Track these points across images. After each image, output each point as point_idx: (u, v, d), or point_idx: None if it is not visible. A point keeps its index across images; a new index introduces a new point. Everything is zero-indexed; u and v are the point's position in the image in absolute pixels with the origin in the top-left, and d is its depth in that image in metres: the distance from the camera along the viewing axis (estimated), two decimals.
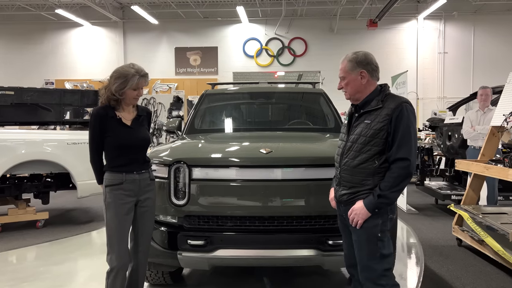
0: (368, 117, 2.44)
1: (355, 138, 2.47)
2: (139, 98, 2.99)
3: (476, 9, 15.70)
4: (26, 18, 16.64)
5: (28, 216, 6.10)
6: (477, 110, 6.33)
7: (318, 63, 16.40)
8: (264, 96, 5.22)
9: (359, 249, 2.47)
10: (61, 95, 7.79)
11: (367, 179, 2.40)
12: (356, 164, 2.43)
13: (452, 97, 14.73)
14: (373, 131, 2.38)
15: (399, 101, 2.40)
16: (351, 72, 2.48)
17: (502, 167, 4.26)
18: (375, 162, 2.39)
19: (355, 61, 2.47)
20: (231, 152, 3.47)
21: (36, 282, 4.10)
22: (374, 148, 2.38)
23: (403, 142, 2.33)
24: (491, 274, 4.20)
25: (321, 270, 3.81)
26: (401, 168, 2.33)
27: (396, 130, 2.34)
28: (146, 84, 2.95)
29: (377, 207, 2.36)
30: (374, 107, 2.44)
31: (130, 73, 2.83)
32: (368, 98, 2.49)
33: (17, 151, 5.69)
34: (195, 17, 16.57)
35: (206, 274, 4.20)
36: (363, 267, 2.47)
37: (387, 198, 2.35)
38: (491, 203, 5.88)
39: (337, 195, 2.59)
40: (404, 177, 2.35)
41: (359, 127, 2.47)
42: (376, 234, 2.41)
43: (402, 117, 2.35)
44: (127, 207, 2.88)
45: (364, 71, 2.47)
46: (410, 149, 2.34)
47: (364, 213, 2.38)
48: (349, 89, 2.52)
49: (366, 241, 2.43)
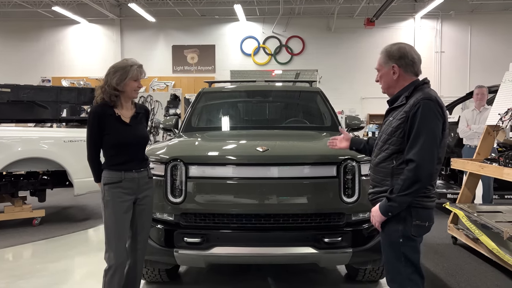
0: (393, 114, 2.36)
1: (379, 136, 2.43)
2: (137, 97, 3.00)
3: (472, 8, 15.75)
4: (22, 15, 16.57)
5: (24, 214, 6.09)
6: (473, 109, 6.37)
7: (316, 61, 16.41)
8: (261, 94, 5.23)
9: (384, 252, 2.42)
10: (58, 93, 7.76)
11: (386, 179, 2.32)
12: (377, 163, 2.38)
13: (449, 96, 14.73)
14: (392, 129, 2.30)
15: (419, 97, 2.22)
16: (383, 65, 2.39)
17: (497, 166, 4.28)
18: (393, 161, 2.29)
19: (387, 55, 2.37)
20: (228, 150, 3.49)
21: (32, 280, 4.10)
22: (391, 147, 2.30)
23: (413, 142, 2.19)
24: (485, 272, 4.23)
25: (317, 267, 3.83)
26: (409, 171, 2.18)
27: (411, 128, 2.21)
28: (144, 75, 2.96)
29: (389, 211, 2.25)
30: (400, 103, 2.33)
31: (127, 64, 2.87)
32: (398, 93, 2.38)
33: (14, 149, 5.68)
34: (192, 15, 16.53)
35: (202, 271, 4.22)
36: (387, 270, 2.41)
37: (395, 201, 2.21)
38: (486, 201, 5.91)
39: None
40: (411, 181, 2.16)
41: (384, 124, 2.41)
42: (397, 240, 2.28)
43: (418, 115, 2.18)
44: (126, 205, 2.88)
45: (395, 65, 2.34)
46: (420, 150, 2.16)
47: (379, 216, 2.29)
48: (382, 83, 2.43)
49: (388, 245, 2.36)
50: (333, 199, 3.13)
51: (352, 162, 3.15)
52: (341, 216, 3.17)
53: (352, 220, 3.19)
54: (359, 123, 4.63)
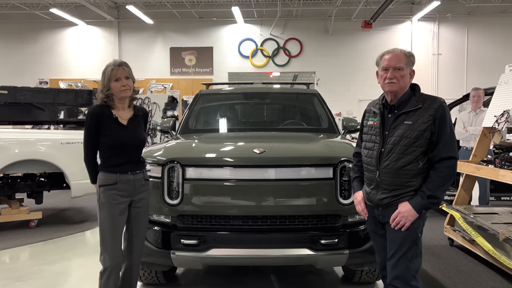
0: (408, 118, 2.42)
1: (396, 140, 2.43)
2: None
3: (469, 11, 15.82)
4: (20, 17, 16.55)
5: (21, 216, 6.07)
6: (469, 111, 6.39)
7: (313, 63, 16.44)
8: (258, 96, 5.24)
9: (398, 250, 2.44)
10: (55, 95, 7.77)
11: (412, 180, 2.40)
12: (400, 166, 2.41)
13: (446, 98, 14.42)
14: (418, 132, 2.37)
15: (439, 101, 2.41)
16: (406, 67, 2.46)
17: (493, 167, 4.30)
18: (419, 163, 2.39)
19: (411, 59, 2.47)
20: (225, 152, 3.49)
21: (29, 282, 4.09)
22: (419, 149, 2.38)
23: (449, 141, 2.38)
24: (482, 274, 4.24)
25: (314, 269, 3.84)
26: (449, 167, 2.37)
27: (441, 129, 2.36)
28: (128, 74, 2.87)
29: (426, 208, 2.39)
30: (414, 107, 2.42)
31: (106, 67, 2.88)
32: (403, 98, 2.47)
33: (11, 151, 5.67)
34: (190, 17, 16.55)
35: (199, 273, 4.21)
36: (398, 268, 2.43)
37: (437, 198, 2.37)
38: (483, 203, 5.94)
39: (374, 199, 2.54)
40: (451, 176, 2.39)
41: (399, 128, 2.44)
42: (417, 235, 2.44)
43: (446, 116, 2.38)
44: (121, 207, 2.88)
45: (413, 71, 2.50)
46: (456, 147, 2.41)
47: (413, 215, 2.37)
48: (401, 82, 2.45)
49: (409, 242, 2.42)
50: (330, 201, 3.13)
51: (349, 164, 3.16)
52: (338, 218, 3.18)
53: (348, 221, 3.20)
54: (356, 125, 4.64)
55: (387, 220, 2.48)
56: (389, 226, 2.46)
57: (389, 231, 2.50)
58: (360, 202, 2.69)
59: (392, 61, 2.44)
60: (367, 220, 2.71)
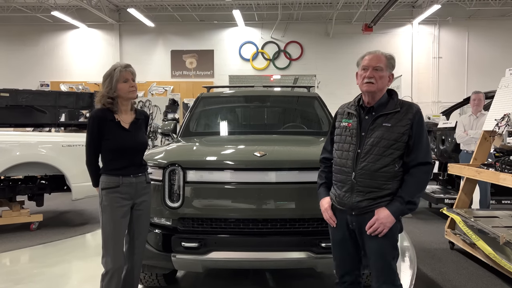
0: (387, 121, 2.42)
1: (375, 141, 2.40)
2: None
3: (470, 14, 15.85)
4: (21, 20, 16.61)
5: (22, 218, 6.09)
6: (470, 115, 6.40)
7: (314, 67, 16.47)
8: (259, 99, 5.25)
9: (379, 256, 2.42)
10: (56, 97, 7.80)
11: (387, 183, 2.40)
12: (378, 168, 2.39)
13: (447, 101, 14.83)
14: (397, 134, 2.38)
15: (416, 107, 2.46)
16: (386, 69, 2.47)
17: (493, 171, 4.31)
18: (395, 165, 2.40)
19: (391, 62, 2.50)
20: (226, 155, 3.50)
21: (30, 285, 4.10)
22: (396, 152, 2.39)
23: (427, 147, 2.43)
24: (482, 277, 4.24)
25: (314, 272, 3.83)
26: (426, 173, 2.41)
27: (418, 134, 2.39)
28: (133, 75, 2.93)
29: (404, 213, 2.42)
30: (392, 110, 2.44)
31: (112, 69, 2.89)
32: (382, 100, 2.48)
33: (12, 153, 5.68)
34: (191, 20, 16.60)
35: (200, 276, 4.22)
36: (382, 272, 2.43)
37: (415, 204, 2.41)
38: (483, 206, 5.94)
39: (349, 202, 2.45)
40: (427, 181, 2.45)
41: (378, 130, 2.42)
42: (396, 238, 2.48)
43: (423, 122, 2.43)
44: (123, 210, 2.89)
45: (392, 75, 2.52)
46: (429, 153, 2.45)
47: (391, 221, 2.36)
48: (379, 83, 2.44)
49: (391, 247, 2.43)
50: None
51: None
52: None
53: None
54: None
55: (362, 226, 2.43)
56: (366, 234, 2.41)
57: (367, 238, 2.43)
58: (327, 209, 2.59)
59: (372, 61, 2.45)
60: (335, 227, 2.59)
